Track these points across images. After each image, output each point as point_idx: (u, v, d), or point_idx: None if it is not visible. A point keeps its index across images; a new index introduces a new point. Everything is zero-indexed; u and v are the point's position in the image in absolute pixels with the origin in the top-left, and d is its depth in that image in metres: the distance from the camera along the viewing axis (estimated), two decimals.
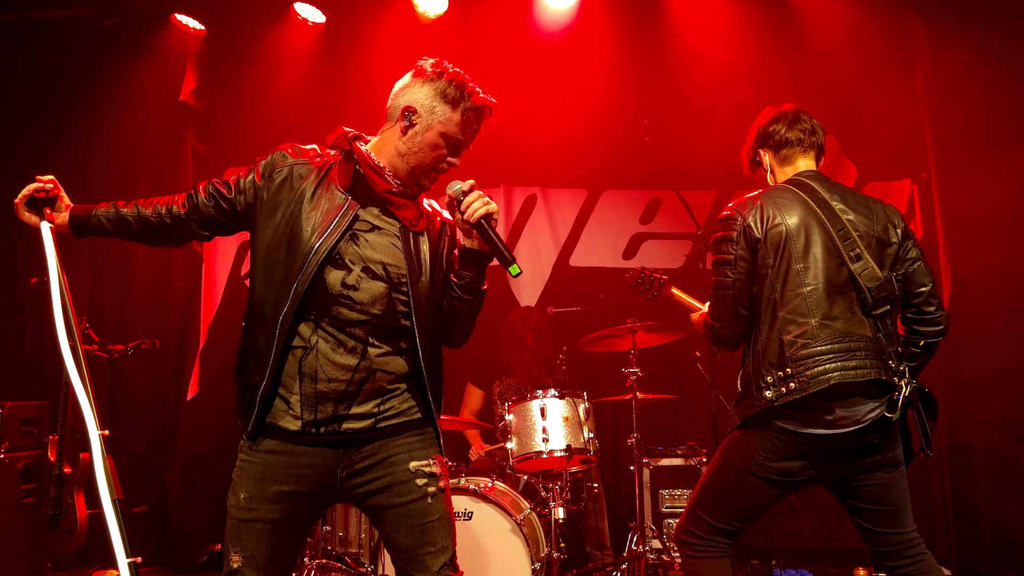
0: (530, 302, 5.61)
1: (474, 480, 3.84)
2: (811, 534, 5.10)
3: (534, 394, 3.97)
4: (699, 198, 5.42)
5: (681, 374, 4.72)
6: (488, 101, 2.19)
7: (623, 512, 4.85)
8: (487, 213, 2.15)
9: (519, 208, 5.87)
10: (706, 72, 5.47)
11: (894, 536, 2.54)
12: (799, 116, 2.77)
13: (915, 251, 2.61)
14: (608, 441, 4.94)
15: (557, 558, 3.83)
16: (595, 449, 3.96)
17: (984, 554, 5.19)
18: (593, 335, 4.40)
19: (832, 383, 2.37)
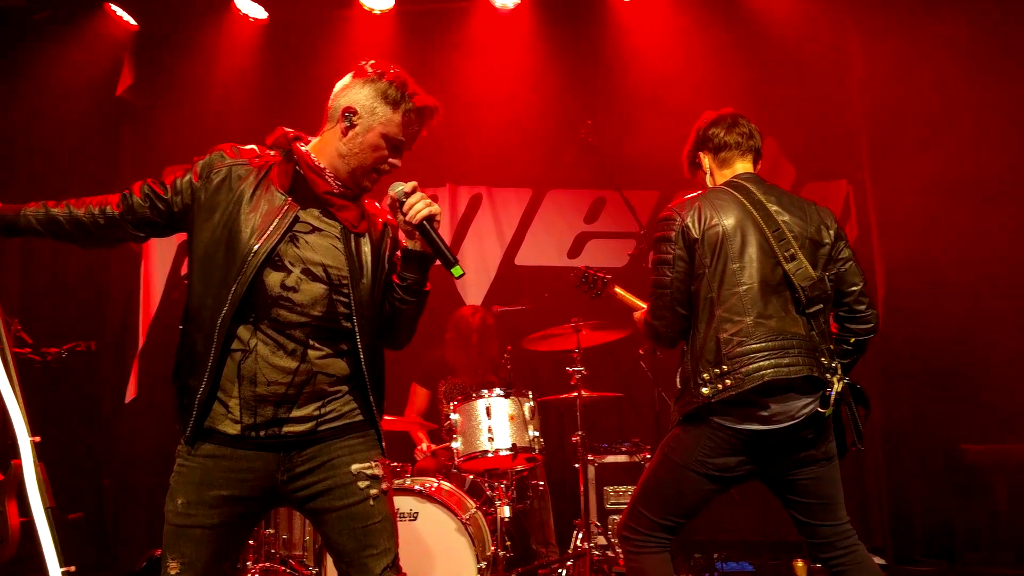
0: (476, 301, 5.62)
1: (419, 480, 3.84)
2: (752, 527, 5.21)
3: (479, 393, 3.98)
4: (642, 198, 5.49)
5: (625, 372, 4.78)
6: (430, 102, 2.19)
7: (569, 509, 4.88)
8: (429, 214, 2.15)
9: (464, 207, 5.88)
10: (649, 73, 5.55)
11: (828, 528, 2.61)
12: (737, 120, 2.83)
13: (847, 251, 2.69)
14: (554, 439, 4.99)
15: (503, 557, 3.85)
16: (540, 447, 3.98)
17: (916, 542, 5.37)
18: (538, 334, 4.43)
19: (767, 380, 2.44)
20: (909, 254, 5.45)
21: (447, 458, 4.14)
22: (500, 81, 5.62)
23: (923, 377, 5.37)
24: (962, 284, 5.18)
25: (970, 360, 5.10)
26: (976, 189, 5.05)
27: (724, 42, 5.70)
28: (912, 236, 5.38)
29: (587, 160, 4.52)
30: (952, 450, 5.33)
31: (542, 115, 5.58)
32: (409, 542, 3.64)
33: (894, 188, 5.52)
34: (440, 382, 4.96)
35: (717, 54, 5.66)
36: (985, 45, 5.07)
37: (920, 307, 5.37)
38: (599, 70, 5.69)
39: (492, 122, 5.59)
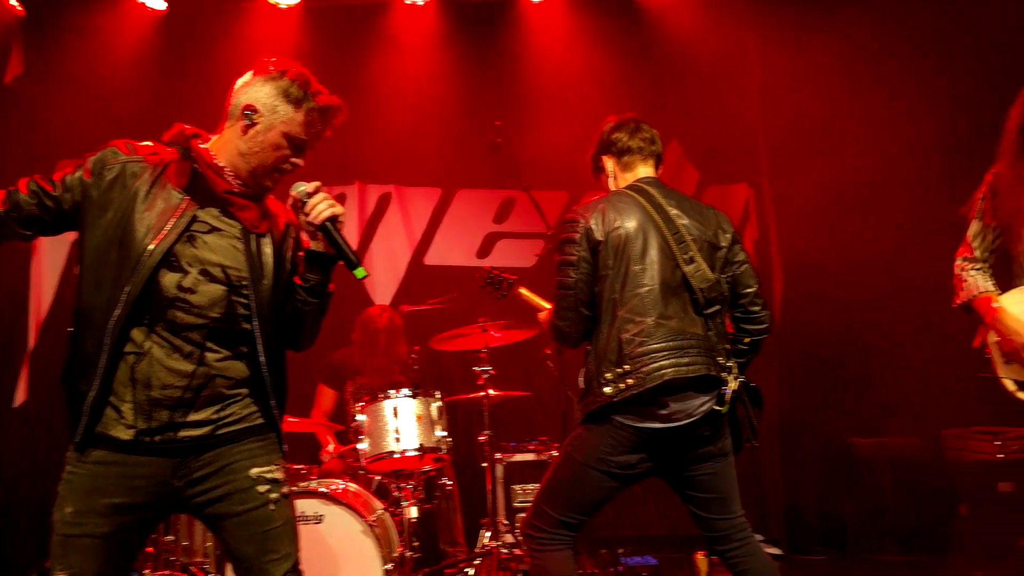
0: (384, 301, 5.58)
1: (325, 483, 3.78)
2: (655, 522, 5.35)
3: (386, 394, 3.95)
4: (551, 199, 5.55)
5: (533, 371, 4.83)
6: (333, 102, 2.17)
7: (478, 509, 4.90)
8: (332, 215, 2.12)
9: (373, 206, 5.83)
10: (557, 75, 5.63)
11: (724, 521, 2.70)
12: (640, 125, 2.91)
13: (742, 255, 2.79)
14: (462, 439, 4.99)
15: (410, 557, 3.84)
16: (448, 447, 3.99)
17: (809, 533, 5.61)
18: (445, 334, 4.43)
19: (667, 379, 2.51)
20: (805, 256, 5.68)
21: (353, 459, 4.10)
22: (410, 79, 5.60)
23: (817, 374, 5.62)
24: (852, 285, 5.45)
25: (859, 358, 5.36)
26: (864, 194, 5.31)
27: (631, 47, 5.83)
28: (807, 238, 5.61)
29: (496, 160, 4.55)
30: (842, 444, 5.60)
31: (452, 115, 5.59)
32: (314, 545, 3.59)
33: (791, 192, 5.75)
34: (348, 383, 4.91)
35: (625, 59, 5.79)
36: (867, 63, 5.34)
37: (814, 307, 5.62)
38: (508, 70, 5.74)
39: (401, 121, 5.56)
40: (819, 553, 5.44)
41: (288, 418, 4.07)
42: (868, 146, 5.24)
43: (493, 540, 4.17)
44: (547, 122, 5.43)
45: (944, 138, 5.17)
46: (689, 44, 5.80)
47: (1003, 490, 4.78)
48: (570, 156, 3.62)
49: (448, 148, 5.64)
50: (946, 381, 4.85)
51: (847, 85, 5.30)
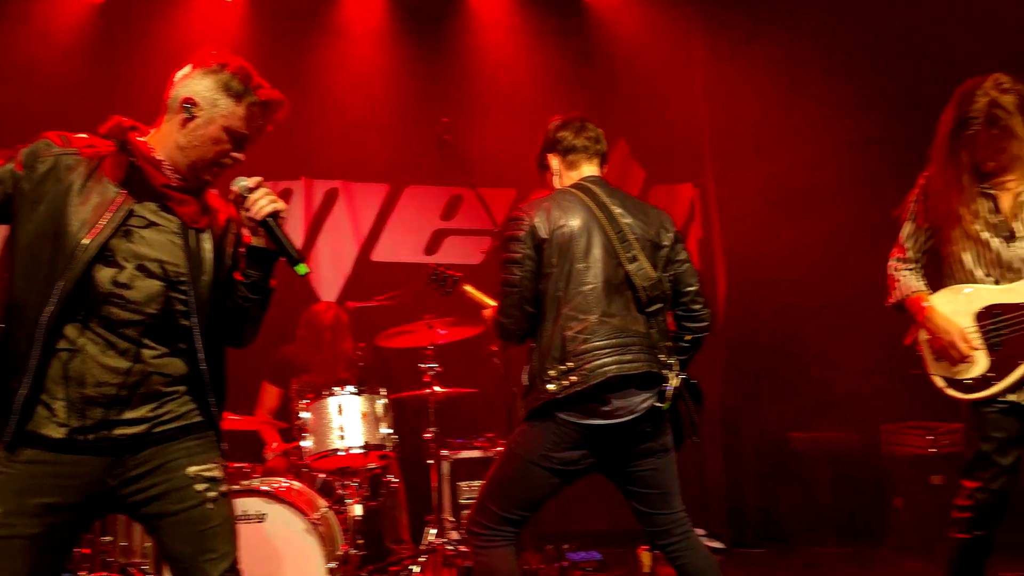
0: (331, 297, 5.53)
1: (268, 481, 3.74)
2: (601, 518, 5.40)
3: (331, 391, 3.93)
4: (499, 196, 5.55)
5: (479, 369, 4.84)
6: (275, 96, 2.14)
7: (424, 506, 4.89)
8: (274, 210, 2.10)
9: (320, 202, 5.76)
10: (506, 73, 5.64)
11: (665, 516, 2.75)
12: (585, 124, 2.94)
13: (684, 254, 2.84)
14: (409, 436, 4.96)
15: (355, 555, 3.82)
16: (393, 445, 3.98)
17: (751, 526, 5.72)
18: (391, 331, 4.41)
19: (609, 376, 2.54)
20: (747, 255, 5.80)
21: (297, 457, 4.06)
22: (357, 74, 5.56)
23: (758, 371, 5.74)
24: (792, 284, 5.56)
25: (799, 355, 5.48)
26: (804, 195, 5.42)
27: (580, 46, 5.88)
28: (750, 238, 5.73)
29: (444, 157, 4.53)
30: (782, 439, 5.73)
31: (400, 110, 5.56)
32: (256, 544, 3.54)
33: (735, 192, 5.86)
34: (292, 380, 4.85)
35: (573, 58, 5.83)
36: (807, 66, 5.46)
37: (756, 305, 5.73)
38: (457, 67, 5.73)
39: (349, 116, 5.51)
40: (759, 546, 5.56)
41: (231, 416, 4.02)
42: (809, 147, 5.36)
43: (439, 537, 4.17)
44: (495, 119, 5.44)
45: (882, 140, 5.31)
46: (636, 45, 5.87)
47: (935, 483, 4.93)
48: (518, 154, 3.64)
49: (396, 144, 5.61)
50: (882, 377, 4.98)
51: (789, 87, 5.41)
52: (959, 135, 2.71)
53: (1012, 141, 2.65)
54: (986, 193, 2.77)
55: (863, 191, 5.13)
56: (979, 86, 2.67)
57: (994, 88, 2.65)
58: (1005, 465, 2.71)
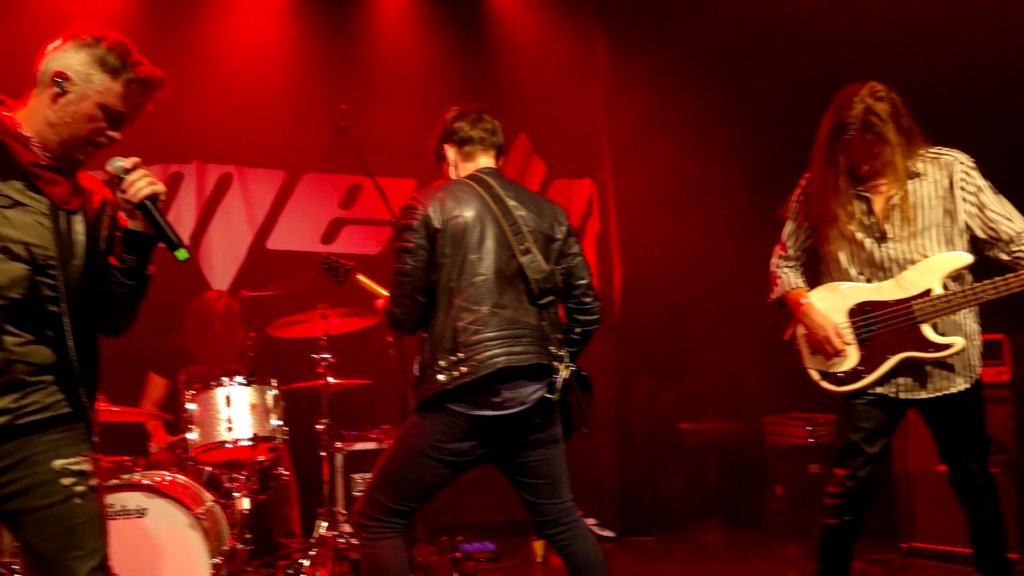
0: (223, 286, 5.35)
1: (150, 475, 3.61)
2: (495, 509, 5.44)
3: (219, 382, 3.81)
4: (399, 186, 5.49)
5: (374, 360, 4.78)
6: (155, 73, 2.05)
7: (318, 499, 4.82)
8: (152, 193, 2.01)
9: (212, 187, 5.56)
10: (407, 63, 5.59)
11: (553, 506, 2.78)
12: (482, 116, 2.93)
13: (576, 247, 2.88)
14: (302, 428, 4.87)
15: (242, 550, 3.73)
16: (283, 437, 3.89)
17: (642, 515, 5.87)
18: (284, 320, 4.31)
19: (500, 367, 2.55)
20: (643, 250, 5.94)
21: (183, 450, 3.93)
22: (254, 58, 5.40)
23: (651, 363, 5.88)
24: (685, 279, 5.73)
25: (690, 347, 5.65)
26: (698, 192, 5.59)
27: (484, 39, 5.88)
28: (646, 233, 5.86)
29: (342, 145, 4.45)
30: (672, 430, 5.90)
31: (298, 96, 5.42)
32: (136, 541, 3.42)
33: (632, 188, 5.98)
34: (180, 371, 4.68)
35: (477, 50, 5.83)
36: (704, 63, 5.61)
37: (650, 299, 5.88)
38: (357, 54, 5.64)
39: (244, 100, 5.33)
40: (651, 534, 5.71)
41: (113, 407, 3.85)
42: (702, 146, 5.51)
43: (330, 530, 4.10)
44: (395, 108, 5.38)
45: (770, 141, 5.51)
46: (539, 40, 5.92)
47: (813, 471, 5.18)
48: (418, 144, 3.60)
49: (293, 130, 5.46)
50: (767, 370, 5.19)
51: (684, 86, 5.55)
52: (836, 139, 2.83)
53: (885, 147, 2.79)
54: (861, 195, 2.91)
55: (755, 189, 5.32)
56: (856, 93, 2.80)
57: (869, 95, 2.78)
58: (872, 454, 2.86)
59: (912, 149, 2.84)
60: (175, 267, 2.17)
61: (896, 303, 2.84)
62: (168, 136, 5.18)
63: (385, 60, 5.61)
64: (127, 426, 4.51)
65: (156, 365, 4.73)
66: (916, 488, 4.52)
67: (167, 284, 4.97)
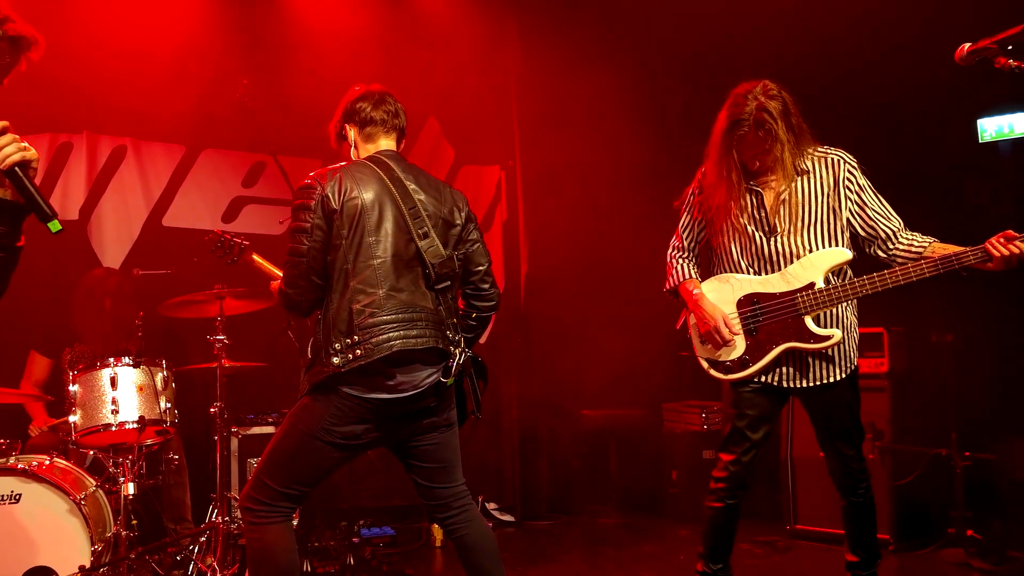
0: (115, 263, 5.13)
1: (27, 459, 3.45)
2: (395, 493, 5.42)
3: (105, 362, 3.66)
4: (303, 165, 5.37)
5: (273, 342, 4.68)
6: (27, 32, 1.93)
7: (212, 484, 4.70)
8: (23, 160, 1.90)
9: (105, 159, 5.32)
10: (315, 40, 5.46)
11: (446, 490, 2.79)
12: (384, 98, 2.89)
13: (476, 233, 2.88)
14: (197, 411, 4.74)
15: (126, 536, 3.61)
16: (173, 420, 3.78)
17: (543, 500, 5.95)
18: (176, 300, 4.16)
19: (395, 350, 2.53)
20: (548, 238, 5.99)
21: (65, 433, 3.77)
22: (153, 25, 5.17)
23: (555, 350, 5.95)
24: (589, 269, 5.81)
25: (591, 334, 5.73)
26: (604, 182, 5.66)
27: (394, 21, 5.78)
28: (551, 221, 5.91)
29: (245, 122, 4.32)
30: (575, 416, 5.99)
31: (198, 68, 5.21)
32: (10, 527, 3.30)
33: (541, 176, 6.02)
34: (65, 350, 4.49)
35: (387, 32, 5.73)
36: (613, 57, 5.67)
37: (556, 287, 5.94)
38: (264, 28, 5.47)
39: (141, 69, 5.10)
40: (550, 518, 5.78)
41: None
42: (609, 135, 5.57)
43: (221, 516, 4.01)
44: (301, 88, 5.23)
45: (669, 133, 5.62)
46: (450, 23, 5.86)
47: (707, 457, 5.34)
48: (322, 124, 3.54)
49: (194, 104, 5.25)
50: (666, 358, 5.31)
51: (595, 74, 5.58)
52: (730, 135, 2.91)
53: (775, 144, 2.88)
54: (752, 189, 3.00)
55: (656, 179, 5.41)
56: (750, 91, 2.88)
57: (763, 94, 2.87)
58: (756, 440, 2.98)
59: (801, 147, 2.94)
60: (62, 242, 2.07)
61: (781, 295, 2.94)
62: (57, 104, 4.93)
63: (292, 36, 5.47)
64: (5, 408, 4.29)
65: (39, 344, 4.52)
66: (800, 473, 4.72)
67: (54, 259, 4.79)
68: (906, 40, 4.70)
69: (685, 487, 5.45)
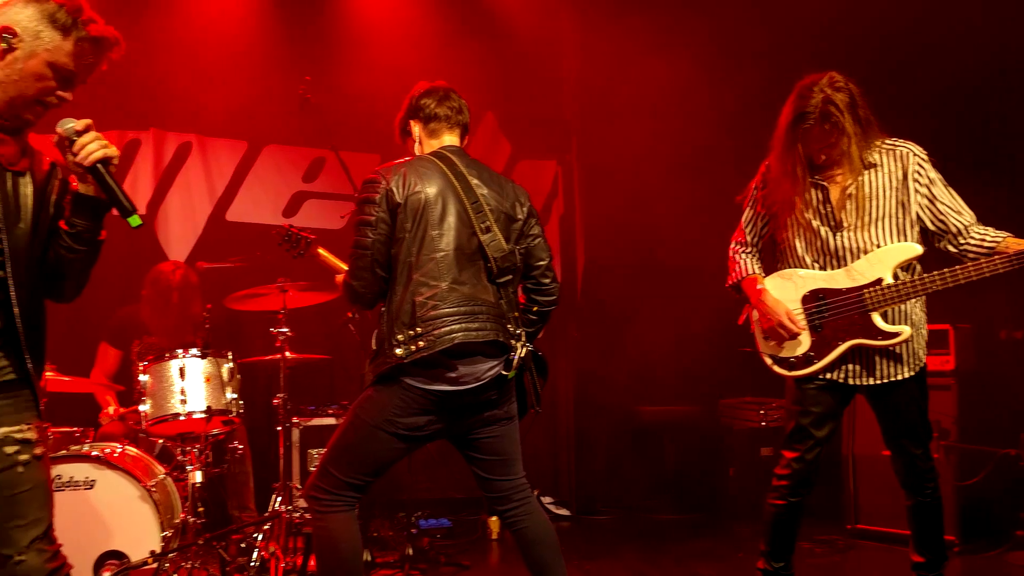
0: (180, 257, 5.27)
1: (99, 446, 3.56)
2: (450, 485, 5.46)
3: (173, 354, 3.76)
4: (362, 160, 5.44)
5: (335, 335, 4.76)
6: (109, 33, 1.99)
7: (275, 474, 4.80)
8: (104, 156, 1.96)
9: (171, 156, 5.46)
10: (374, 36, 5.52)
11: (506, 483, 2.80)
12: (449, 94, 2.92)
13: (537, 228, 2.89)
14: (260, 402, 4.85)
15: (194, 523, 3.70)
16: (238, 410, 3.86)
17: (598, 494, 5.93)
18: (242, 293, 4.26)
19: (456, 342, 2.56)
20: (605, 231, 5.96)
21: (135, 422, 3.88)
22: (217, 23, 5.29)
23: (612, 345, 5.92)
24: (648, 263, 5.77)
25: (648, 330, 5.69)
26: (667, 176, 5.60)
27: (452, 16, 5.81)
28: (608, 215, 5.88)
29: (306, 118, 4.39)
30: (631, 411, 5.96)
31: (261, 66, 5.33)
32: (85, 512, 3.40)
33: (598, 170, 5.99)
34: (135, 342, 4.62)
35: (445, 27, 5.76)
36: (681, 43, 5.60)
37: (613, 282, 5.91)
38: (323, 24, 5.56)
39: (206, 67, 5.24)
40: (605, 513, 5.77)
41: (63, 377, 3.79)
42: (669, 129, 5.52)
43: (284, 504, 4.09)
44: (361, 83, 5.32)
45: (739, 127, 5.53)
46: (509, 17, 5.87)
47: (765, 454, 5.27)
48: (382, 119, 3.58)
49: (256, 100, 5.37)
50: (724, 354, 5.25)
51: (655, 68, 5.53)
52: (796, 128, 2.86)
53: (842, 137, 2.82)
54: (818, 184, 2.94)
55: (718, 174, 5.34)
56: (816, 83, 2.82)
57: (829, 86, 2.81)
58: (820, 437, 2.92)
59: (869, 140, 2.88)
60: (131, 237, 2.13)
61: (848, 291, 2.88)
62: (126, 102, 5.08)
63: (352, 33, 5.55)
64: (77, 397, 4.44)
65: (109, 335, 4.66)
66: (861, 471, 4.63)
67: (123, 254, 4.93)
68: (983, 23, 4.55)
69: (743, 484, 5.38)
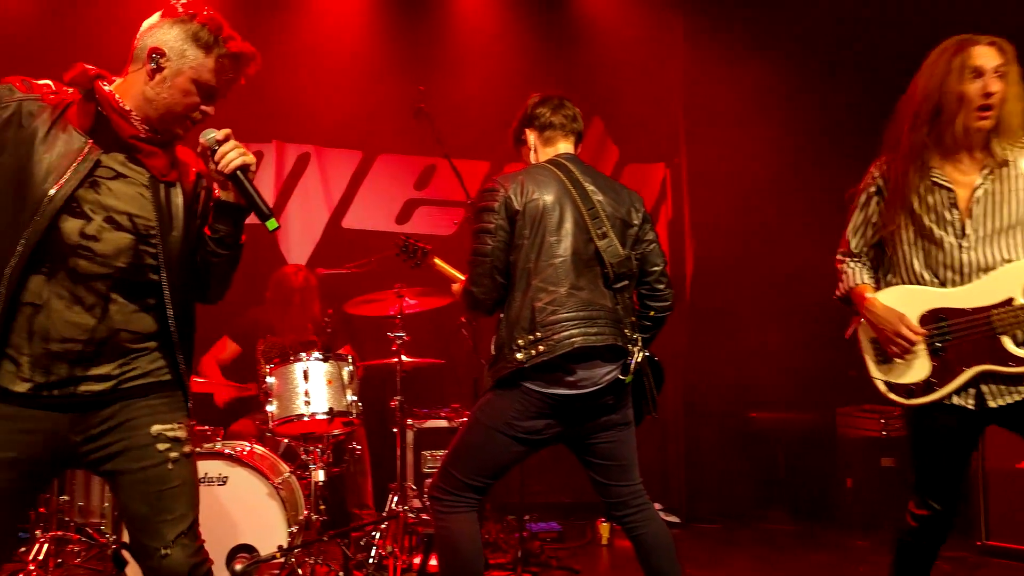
0: (299, 262, 5.49)
1: (230, 444, 3.73)
2: (560, 490, 5.48)
3: (297, 356, 3.91)
4: (472, 168, 5.55)
5: (448, 339, 4.85)
6: (247, 49, 2.09)
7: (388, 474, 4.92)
8: (244, 164, 2.05)
9: (291, 166, 5.71)
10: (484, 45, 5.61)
11: (623, 488, 2.79)
12: (563, 103, 2.95)
13: (652, 234, 2.88)
14: (376, 404, 4.98)
15: (317, 520, 3.83)
16: (358, 412, 3.98)
17: (708, 502, 5.83)
18: (360, 298, 4.40)
19: (576, 347, 2.57)
20: (715, 236, 5.86)
21: (262, 422, 4.05)
22: (333, 39, 5.49)
23: (722, 350, 5.82)
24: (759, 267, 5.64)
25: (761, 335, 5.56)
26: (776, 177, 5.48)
27: (558, 23, 5.86)
28: (719, 219, 5.78)
29: (419, 126, 4.50)
30: (743, 418, 5.83)
31: (376, 77, 5.51)
32: (218, 507, 3.55)
33: (707, 173, 5.91)
34: (260, 341, 4.83)
35: (552, 34, 5.82)
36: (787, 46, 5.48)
37: (723, 286, 5.81)
38: (435, 37, 5.70)
39: (323, 80, 5.45)
40: (714, 521, 5.67)
41: (197, 378, 3.99)
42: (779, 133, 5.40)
43: (400, 504, 4.19)
44: (471, 92, 5.42)
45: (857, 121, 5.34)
46: (615, 23, 5.87)
47: (885, 465, 5.06)
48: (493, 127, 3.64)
49: (370, 111, 5.56)
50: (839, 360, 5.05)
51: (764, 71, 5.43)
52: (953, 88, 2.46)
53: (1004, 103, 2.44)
54: (940, 185, 2.57)
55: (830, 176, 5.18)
56: None
57: None
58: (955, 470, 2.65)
59: (1003, 136, 2.50)
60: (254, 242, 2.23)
61: (973, 311, 2.50)
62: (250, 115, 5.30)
63: (463, 42, 5.65)
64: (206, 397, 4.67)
65: (234, 331, 4.88)
66: (992, 486, 4.39)
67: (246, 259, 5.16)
68: None
69: (861, 495, 5.20)
